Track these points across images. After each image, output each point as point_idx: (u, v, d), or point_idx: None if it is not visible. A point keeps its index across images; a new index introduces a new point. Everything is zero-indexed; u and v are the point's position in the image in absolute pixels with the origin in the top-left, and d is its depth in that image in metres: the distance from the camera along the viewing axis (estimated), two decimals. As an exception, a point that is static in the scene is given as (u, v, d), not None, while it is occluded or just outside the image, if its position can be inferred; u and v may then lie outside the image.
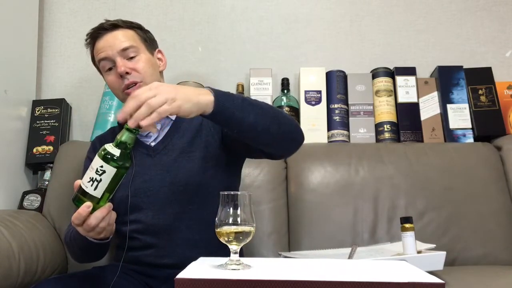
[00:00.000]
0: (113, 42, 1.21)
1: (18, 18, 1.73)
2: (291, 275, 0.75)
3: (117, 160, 0.90)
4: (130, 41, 1.22)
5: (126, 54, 1.21)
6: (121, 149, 0.91)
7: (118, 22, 1.24)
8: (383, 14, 1.98)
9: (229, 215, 0.82)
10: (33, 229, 1.38)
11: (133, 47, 1.22)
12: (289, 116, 1.13)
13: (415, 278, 0.74)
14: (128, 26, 1.25)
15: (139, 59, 1.21)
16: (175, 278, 0.72)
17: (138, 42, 1.24)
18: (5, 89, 1.62)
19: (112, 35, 1.22)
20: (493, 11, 1.96)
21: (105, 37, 1.23)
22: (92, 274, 1.14)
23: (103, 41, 1.23)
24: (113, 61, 1.21)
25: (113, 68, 1.21)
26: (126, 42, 1.21)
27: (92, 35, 1.26)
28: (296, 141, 1.11)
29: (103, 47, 1.22)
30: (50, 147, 1.72)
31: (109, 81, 1.23)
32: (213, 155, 1.20)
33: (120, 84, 1.20)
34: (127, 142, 0.91)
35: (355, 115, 1.80)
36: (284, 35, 1.97)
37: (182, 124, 1.25)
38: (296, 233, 1.56)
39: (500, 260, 1.50)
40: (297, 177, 1.62)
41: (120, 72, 1.18)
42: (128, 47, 1.21)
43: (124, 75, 1.18)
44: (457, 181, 1.58)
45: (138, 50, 1.22)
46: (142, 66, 1.21)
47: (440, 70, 1.83)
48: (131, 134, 0.90)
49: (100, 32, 1.24)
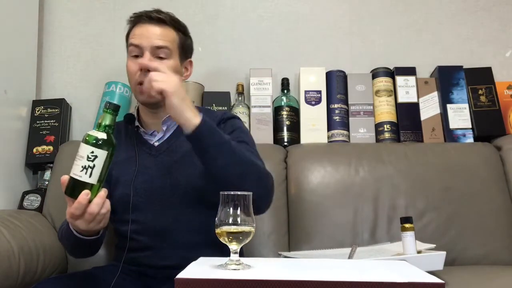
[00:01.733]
0: (151, 36, 1.19)
1: (18, 18, 1.73)
2: (291, 275, 0.75)
3: (106, 143, 0.93)
4: (167, 42, 1.20)
5: (157, 52, 1.19)
6: (106, 132, 0.94)
7: (166, 18, 1.23)
8: (383, 14, 1.98)
9: (229, 215, 0.82)
10: (33, 229, 1.38)
11: (167, 49, 1.20)
12: (264, 179, 1.09)
13: (415, 278, 0.74)
14: (173, 26, 1.24)
15: (166, 62, 1.19)
16: (175, 278, 0.72)
17: (174, 46, 1.22)
18: (5, 89, 1.62)
19: (153, 28, 1.20)
20: (493, 11, 1.96)
21: (146, 26, 1.21)
22: (92, 274, 1.14)
23: (142, 29, 1.21)
24: (142, 51, 1.19)
25: (139, 57, 1.20)
26: (163, 41, 1.20)
27: (136, 17, 1.24)
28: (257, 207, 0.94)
29: (140, 34, 1.20)
30: (50, 147, 1.72)
31: (129, 66, 1.21)
32: None
33: (136, 76, 1.18)
34: (110, 124, 0.95)
35: (355, 115, 1.80)
36: (284, 35, 1.97)
37: None
38: (296, 233, 1.56)
39: (500, 260, 1.50)
40: (297, 177, 1.62)
41: (142, 66, 1.16)
42: (162, 47, 1.19)
43: (145, 71, 1.16)
44: (457, 181, 1.58)
45: (170, 54, 1.21)
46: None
47: (440, 70, 1.83)
48: (112, 116, 0.95)
49: (145, 19, 1.22)
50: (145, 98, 1.18)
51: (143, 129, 1.25)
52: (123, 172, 1.20)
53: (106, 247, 1.51)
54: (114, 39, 1.95)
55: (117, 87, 1.82)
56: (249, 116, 1.80)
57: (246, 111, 1.80)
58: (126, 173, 1.20)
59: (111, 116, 0.95)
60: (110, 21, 1.97)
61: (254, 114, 1.79)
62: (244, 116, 1.78)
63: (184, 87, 1.00)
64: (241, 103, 1.82)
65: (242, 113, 1.78)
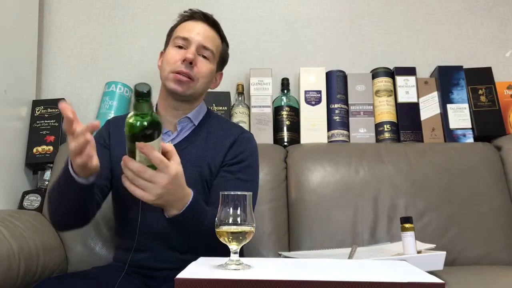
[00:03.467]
0: (203, 34, 1.23)
1: (18, 18, 1.73)
2: (291, 275, 0.75)
3: (149, 129, 0.87)
4: (214, 46, 1.25)
5: (202, 51, 1.22)
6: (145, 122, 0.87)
7: (218, 25, 1.29)
8: (383, 14, 1.98)
9: (229, 215, 0.82)
10: (33, 229, 1.37)
11: (212, 53, 1.24)
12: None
13: (415, 278, 0.74)
14: (221, 36, 1.30)
15: (207, 63, 1.23)
16: (175, 278, 0.72)
17: (217, 54, 1.27)
18: (5, 89, 1.62)
19: (207, 29, 1.25)
20: (493, 11, 1.96)
21: (201, 25, 1.25)
22: (93, 274, 1.14)
23: (196, 25, 1.25)
24: (188, 45, 1.22)
25: (183, 48, 1.22)
26: (211, 44, 1.24)
27: (192, 14, 1.27)
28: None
29: (191, 29, 1.23)
30: (50, 147, 1.72)
31: (171, 55, 1.22)
32: (211, 178, 1.21)
33: (175, 65, 1.20)
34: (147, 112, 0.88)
35: (355, 115, 1.80)
36: (284, 35, 1.97)
37: (201, 132, 1.25)
38: (296, 233, 1.56)
39: (500, 260, 1.50)
40: (297, 177, 1.62)
41: (188, 58, 1.18)
42: (209, 49, 1.23)
43: (188, 64, 1.19)
44: (457, 181, 1.58)
45: (212, 58, 1.25)
46: (205, 71, 1.23)
47: (440, 70, 1.83)
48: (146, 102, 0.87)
49: (201, 18, 1.26)
50: (176, 88, 1.20)
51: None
52: None
53: (105, 247, 1.51)
54: (114, 39, 1.96)
55: (117, 87, 1.82)
56: (249, 116, 1.80)
57: (246, 111, 1.80)
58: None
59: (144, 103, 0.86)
60: (110, 21, 1.97)
61: (254, 114, 1.79)
62: (244, 116, 1.78)
63: (177, 184, 0.95)
64: (241, 103, 1.82)
65: (242, 113, 1.78)
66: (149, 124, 0.87)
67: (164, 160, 0.91)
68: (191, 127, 1.25)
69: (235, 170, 1.20)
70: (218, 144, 1.23)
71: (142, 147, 0.88)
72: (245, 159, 1.22)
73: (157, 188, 0.92)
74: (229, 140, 1.24)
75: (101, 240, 1.52)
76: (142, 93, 0.86)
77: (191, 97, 1.24)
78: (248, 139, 1.27)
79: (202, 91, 1.26)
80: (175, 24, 1.30)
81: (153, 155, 0.89)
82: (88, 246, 1.50)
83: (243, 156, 1.22)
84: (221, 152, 1.22)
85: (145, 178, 0.91)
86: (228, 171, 1.20)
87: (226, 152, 1.22)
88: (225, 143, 1.23)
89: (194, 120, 1.26)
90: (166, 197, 0.94)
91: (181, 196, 0.98)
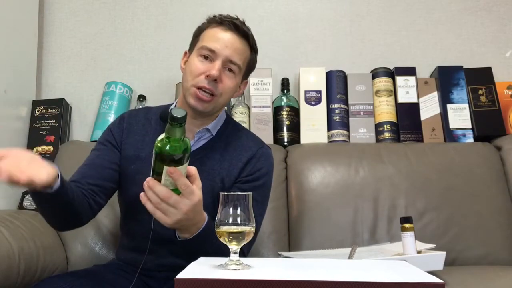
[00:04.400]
0: (231, 47, 1.14)
1: (18, 18, 1.73)
2: (291, 275, 0.75)
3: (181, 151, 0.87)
4: (241, 59, 1.16)
5: (228, 64, 1.14)
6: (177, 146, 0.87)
7: (249, 34, 1.19)
8: (383, 14, 1.98)
9: (229, 215, 0.82)
10: (33, 229, 1.37)
11: (238, 67, 1.16)
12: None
13: (415, 278, 0.74)
14: (251, 45, 1.20)
15: (232, 77, 1.16)
16: (175, 278, 0.72)
17: (244, 66, 1.19)
18: (5, 89, 1.62)
19: (235, 40, 1.15)
20: (493, 11, 1.96)
21: (230, 35, 1.15)
22: (94, 272, 1.14)
23: (224, 35, 1.15)
24: (214, 57, 1.13)
25: (209, 59, 1.14)
26: (238, 58, 1.15)
27: (222, 20, 1.17)
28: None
29: (219, 40, 1.14)
30: (50, 147, 1.72)
31: (195, 66, 1.14)
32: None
33: (198, 79, 1.12)
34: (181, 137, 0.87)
35: (355, 115, 1.80)
36: (284, 35, 1.97)
37: (219, 143, 1.21)
38: (296, 233, 1.56)
39: (500, 260, 1.50)
40: (297, 177, 1.62)
41: (212, 75, 1.11)
42: (235, 63, 1.15)
43: (212, 80, 1.12)
44: (457, 181, 1.58)
45: (238, 72, 1.17)
46: (230, 86, 1.16)
47: (440, 70, 1.83)
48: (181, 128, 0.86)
49: (230, 26, 1.16)
50: (198, 106, 1.14)
51: None
52: (145, 171, 1.11)
53: (105, 246, 1.51)
54: (114, 39, 1.96)
55: (117, 87, 1.82)
56: (249, 116, 1.80)
57: (246, 111, 1.80)
58: (147, 173, 1.17)
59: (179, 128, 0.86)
60: (110, 21, 1.97)
61: (254, 114, 1.79)
62: (244, 116, 1.78)
63: (197, 211, 0.95)
64: (241, 103, 1.82)
65: (242, 113, 1.78)
66: (181, 150, 0.87)
67: (190, 186, 0.90)
68: (209, 136, 1.21)
69: (248, 188, 1.14)
70: (234, 159, 1.19)
71: (172, 172, 0.87)
72: (260, 177, 1.18)
73: (178, 214, 0.91)
74: (247, 155, 1.19)
75: (101, 240, 1.52)
76: (178, 118, 0.85)
77: (211, 112, 1.19)
78: (266, 156, 1.22)
79: (223, 105, 1.21)
80: (202, 27, 1.21)
81: (181, 182, 0.88)
82: (88, 246, 1.50)
83: (259, 174, 1.18)
84: (237, 167, 1.18)
85: (169, 203, 0.90)
86: (241, 188, 1.15)
87: (242, 168, 1.18)
88: (242, 158, 1.18)
89: (213, 130, 1.21)
90: (184, 222, 0.94)
91: (197, 221, 0.98)
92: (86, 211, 1.10)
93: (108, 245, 1.50)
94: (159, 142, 0.88)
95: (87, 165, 1.19)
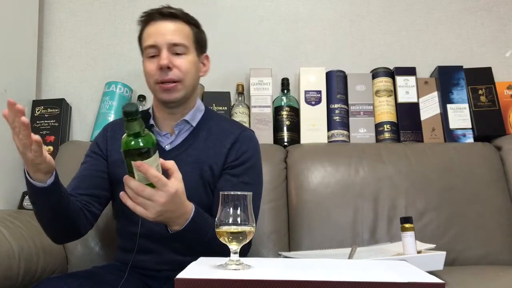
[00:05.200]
0: (166, 33, 1.16)
1: (18, 18, 1.73)
2: (291, 275, 0.75)
3: (145, 146, 0.88)
4: (183, 38, 1.17)
5: (174, 49, 1.16)
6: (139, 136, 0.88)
7: (178, 13, 1.19)
8: (383, 14, 1.98)
9: (229, 215, 0.82)
10: (33, 229, 1.37)
11: (183, 45, 1.17)
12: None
13: (415, 278, 0.74)
14: (187, 21, 1.20)
15: (185, 58, 1.17)
16: (175, 278, 0.72)
17: (190, 41, 1.19)
18: (5, 89, 1.62)
19: (167, 25, 1.17)
20: (493, 11, 1.96)
21: (160, 24, 1.17)
22: (93, 273, 1.14)
23: (156, 27, 1.17)
24: (158, 50, 1.16)
25: (156, 57, 1.16)
26: (179, 38, 1.16)
27: (148, 16, 1.20)
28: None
29: (154, 33, 1.17)
30: (50, 147, 1.72)
31: (148, 68, 1.18)
32: (213, 179, 1.19)
33: (157, 76, 1.15)
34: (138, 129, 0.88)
35: (355, 115, 1.80)
36: (284, 35, 1.97)
37: (201, 133, 1.23)
38: (296, 233, 1.56)
39: (500, 260, 1.50)
40: (297, 177, 1.62)
41: (163, 65, 1.13)
42: (179, 44, 1.16)
43: (165, 69, 1.14)
44: (457, 181, 1.58)
45: (187, 49, 1.18)
46: (186, 66, 1.17)
47: (440, 70, 1.83)
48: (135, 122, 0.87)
49: (157, 16, 1.18)
50: (169, 98, 1.17)
51: (157, 129, 1.23)
52: None
53: (105, 247, 1.51)
54: (114, 39, 1.96)
55: (117, 87, 1.82)
56: (249, 116, 1.80)
57: (246, 111, 1.80)
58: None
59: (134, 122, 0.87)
60: (110, 21, 1.97)
61: (254, 114, 1.79)
62: (244, 116, 1.78)
63: (177, 202, 0.95)
64: (241, 103, 1.82)
65: (242, 113, 1.78)
66: (143, 143, 0.87)
67: (161, 178, 0.90)
68: (189, 128, 1.23)
69: (238, 173, 1.18)
70: (218, 145, 1.21)
71: (139, 166, 0.88)
72: (248, 159, 1.20)
73: (157, 206, 0.92)
74: (230, 140, 1.21)
75: (101, 240, 1.52)
76: (130, 112, 0.85)
77: (184, 98, 1.20)
78: (249, 138, 1.25)
79: (193, 86, 1.22)
80: (139, 33, 1.23)
81: (150, 174, 0.89)
82: (88, 246, 1.50)
83: (246, 156, 1.20)
84: (222, 153, 1.20)
85: (144, 196, 0.91)
86: (232, 174, 1.18)
87: (227, 153, 1.20)
88: (226, 144, 1.21)
89: (192, 122, 1.23)
90: (166, 214, 0.94)
91: (182, 212, 0.98)
92: (82, 222, 1.12)
93: (108, 245, 1.50)
94: (123, 139, 0.89)
95: (76, 178, 1.22)
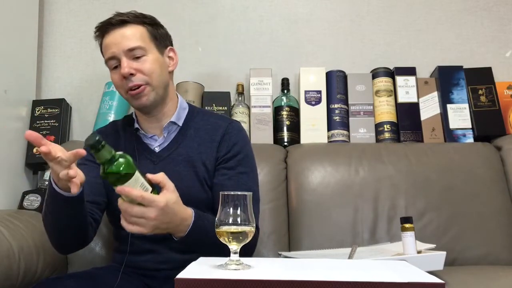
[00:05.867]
0: (120, 41, 1.15)
1: (18, 18, 1.73)
2: (291, 275, 0.75)
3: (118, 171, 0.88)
4: (138, 40, 1.16)
5: (132, 54, 1.15)
6: (108, 162, 0.88)
7: (127, 17, 1.18)
8: (383, 14, 1.98)
9: (229, 215, 0.82)
10: (33, 229, 1.37)
11: (140, 48, 1.16)
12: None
13: (415, 278, 0.74)
14: (138, 22, 1.19)
15: (146, 59, 1.16)
16: (175, 278, 0.72)
17: (147, 41, 1.18)
18: (5, 89, 1.62)
19: (119, 33, 1.16)
20: (493, 11, 1.96)
21: (113, 34, 1.17)
22: (92, 274, 1.14)
23: (110, 38, 1.17)
24: (119, 60, 1.16)
25: (118, 66, 1.16)
26: (133, 41, 1.15)
27: (100, 30, 1.20)
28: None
29: (110, 44, 1.17)
30: (50, 147, 1.72)
31: (114, 79, 1.19)
32: (209, 175, 1.20)
33: (124, 85, 1.16)
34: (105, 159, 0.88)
35: (355, 115, 1.80)
36: (284, 35, 1.97)
37: (188, 131, 1.23)
38: (296, 233, 1.56)
39: (500, 260, 1.50)
40: (297, 177, 1.62)
41: (124, 73, 1.13)
42: (135, 48, 1.15)
43: (128, 76, 1.14)
44: (457, 181, 1.58)
45: (145, 50, 1.16)
46: (148, 67, 1.16)
47: (440, 70, 1.83)
48: (99, 150, 0.87)
49: (108, 27, 1.17)
50: (140, 103, 1.17)
51: (143, 132, 1.24)
52: None
53: (105, 247, 1.51)
54: (114, 39, 1.95)
55: (117, 87, 1.82)
56: (249, 116, 1.80)
57: (246, 111, 1.80)
58: None
59: (99, 151, 0.87)
60: (110, 21, 1.96)
61: (254, 114, 1.79)
62: (244, 116, 1.78)
63: (170, 213, 0.95)
64: (241, 103, 1.82)
65: (242, 113, 1.78)
66: (117, 168, 0.88)
67: (146, 196, 0.91)
68: (177, 128, 1.23)
69: (233, 165, 1.19)
70: (207, 140, 1.21)
71: (119, 191, 0.88)
72: (240, 151, 1.21)
73: (150, 222, 0.93)
74: (219, 134, 1.21)
75: (101, 241, 1.52)
76: (92, 145, 0.86)
77: (158, 98, 1.19)
78: (237, 129, 1.25)
79: (164, 84, 1.20)
80: (99, 45, 1.23)
81: (133, 195, 0.89)
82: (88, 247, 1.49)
83: (237, 148, 1.21)
84: (213, 148, 1.20)
85: (134, 215, 0.92)
86: (227, 168, 1.19)
87: (217, 147, 1.20)
88: (215, 138, 1.21)
89: (178, 122, 1.23)
90: (163, 226, 0.96)
91: (180, 220, 0.99)
92: (89, 230, 1.13)
93: (108, 245, 1.50)
94: (100, 171, 0.89)
95: None
